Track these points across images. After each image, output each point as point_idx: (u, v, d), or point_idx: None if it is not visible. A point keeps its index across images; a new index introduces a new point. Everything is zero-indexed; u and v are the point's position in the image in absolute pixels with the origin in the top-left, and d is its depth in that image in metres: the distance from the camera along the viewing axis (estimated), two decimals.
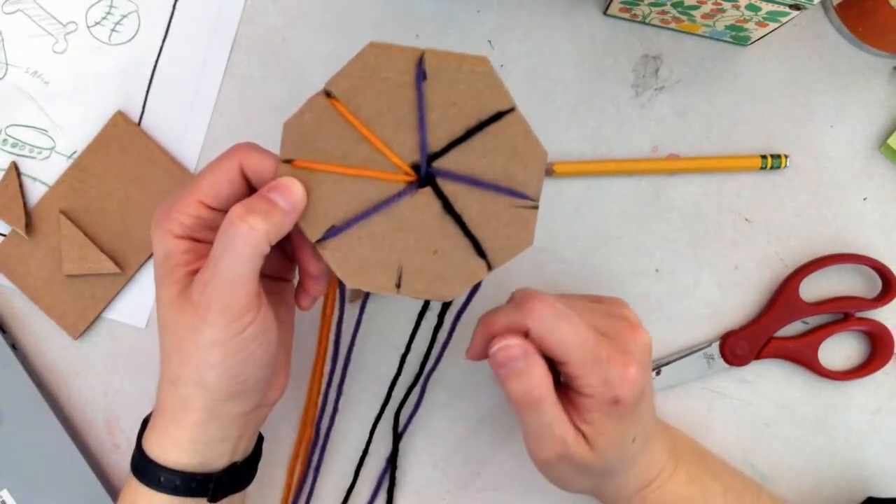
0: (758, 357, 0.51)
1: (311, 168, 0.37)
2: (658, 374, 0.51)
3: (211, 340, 0.36)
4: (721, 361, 0.51)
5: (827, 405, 0.52)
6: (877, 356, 0.51)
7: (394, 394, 0.50)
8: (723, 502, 0.45)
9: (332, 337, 0.47)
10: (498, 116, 0.36)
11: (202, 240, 0.38)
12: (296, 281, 0.42)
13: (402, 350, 0.48)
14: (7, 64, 0.52)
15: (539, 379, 0.37)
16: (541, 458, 0.40)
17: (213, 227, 0.37)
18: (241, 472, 0.42)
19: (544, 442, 0.39)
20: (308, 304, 0.42)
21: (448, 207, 0.37)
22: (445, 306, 0.44)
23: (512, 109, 0.36)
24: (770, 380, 0.52)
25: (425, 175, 0.36)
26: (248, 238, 0.35)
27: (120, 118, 0.51)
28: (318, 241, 0.37)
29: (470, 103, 0.36)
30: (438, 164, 0.36)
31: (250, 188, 0.38)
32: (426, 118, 0.36)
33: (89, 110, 0.52)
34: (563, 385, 0.40)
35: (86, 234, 0.50)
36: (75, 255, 0.50)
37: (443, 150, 0.36)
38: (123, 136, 0.51)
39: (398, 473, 0.51)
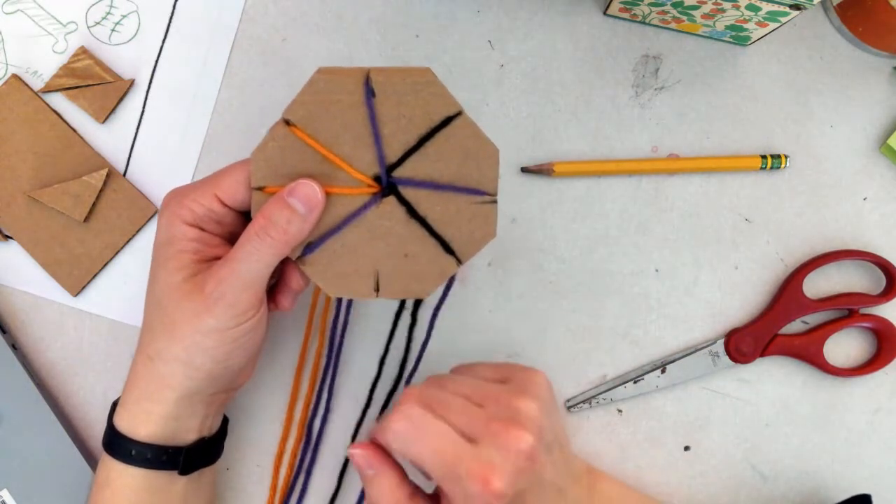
0: (763, 354, 0.51)
1: None
2: (664, 371, 0.51)
3: (211, 328, 0.39)
4: (726, 359, 0.51)
5: (827, 405, 0.52)
6: (883, 352, 0.51)
7: (376, 395, 0.51)
8: None
9: (322, 338, 0.48)
10: (447, 121, 0.38)
11: (207, 230, 0.41)
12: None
13: (382, 351, 0.50)
14: (7, 64, 0.52)
15: (385, 489, 0.38)
16: None
17: (220, 222, 0.41)
18: (209, 447, 0.44)
19: None
20: (289, 306, 0.44)
21: (412, 212, 0.39)
22: (418, 304, 0.49)
23: (459, 113, 0.38)
24: (770, 379, 0.52)
25: (387, 185, 0.39)
26: (270, 248, 0.38)
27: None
28: (298, 257, 0.40)
29: (419, 113, 0.38)
30: (398, 173, 0.39)
31: None
32: (380, 132, 0.38)
33: None
34: None
35: None
36: None
37: (400, 160, 0.39)
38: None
39: None
